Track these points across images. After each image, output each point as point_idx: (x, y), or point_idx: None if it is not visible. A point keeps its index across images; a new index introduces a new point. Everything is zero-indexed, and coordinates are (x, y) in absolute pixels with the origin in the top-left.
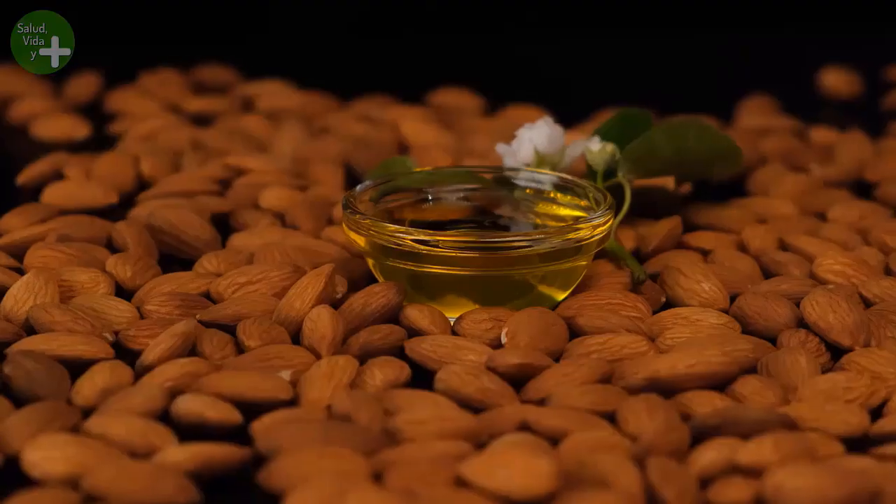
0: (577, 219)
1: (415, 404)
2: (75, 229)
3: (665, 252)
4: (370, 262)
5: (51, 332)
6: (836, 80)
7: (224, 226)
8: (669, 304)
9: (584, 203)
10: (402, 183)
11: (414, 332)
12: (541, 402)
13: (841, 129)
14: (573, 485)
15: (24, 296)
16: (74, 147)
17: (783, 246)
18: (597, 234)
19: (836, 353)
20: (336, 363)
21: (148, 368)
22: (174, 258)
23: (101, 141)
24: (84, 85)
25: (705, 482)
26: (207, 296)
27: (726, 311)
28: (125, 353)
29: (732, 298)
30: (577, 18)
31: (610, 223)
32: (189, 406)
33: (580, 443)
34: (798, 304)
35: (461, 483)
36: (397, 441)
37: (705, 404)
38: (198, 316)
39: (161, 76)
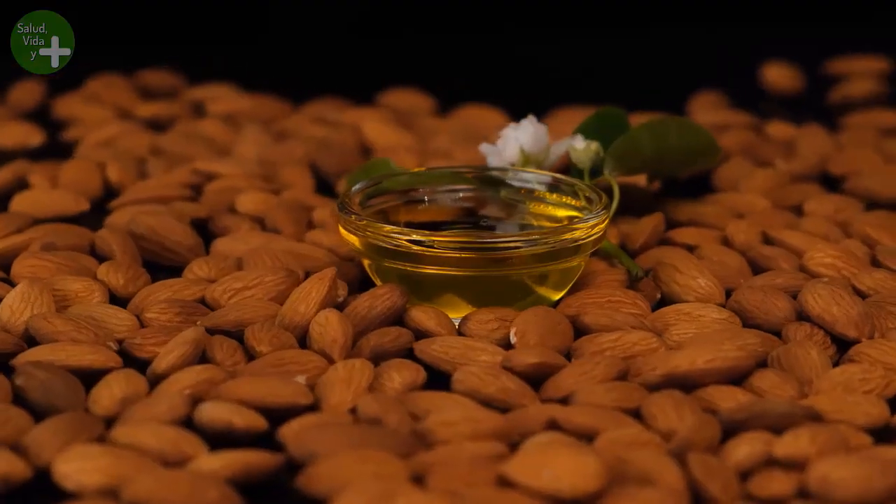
0: (572, 219)
1: (440, 406)
2: (57, 238)
3: (650, 249)
4: (366, 263)
5: (54, 342)
6: (778, 76)
7: (203, 231)
8: (664, 300)
9: (577, 203)
10: (391, 184)
11: (420, 334)
12: (562, 401)
13: (797, 124)
14: (615, 482)
15: (20, 306)
16: (30, 154)
17: (767, 240)
18: (593, 234)
19: (840, 345)
20: (353, 367)
21: (161, 377)
22: (158, 265)
23: (56, 148)
24: (28, 91)
25: (742, 476)
26: (203, 302)
27: (722, 306)
28: (131, 361)
29: (726, 294)
30: (521, 17)
31: (606, 223)
32: (215, 413)
33: (613, 441)
34: (794, 298)
35: (504, 483)
36: (428, 443)
37: (728, 399)
38: (199, 322)
39: (106, 81)
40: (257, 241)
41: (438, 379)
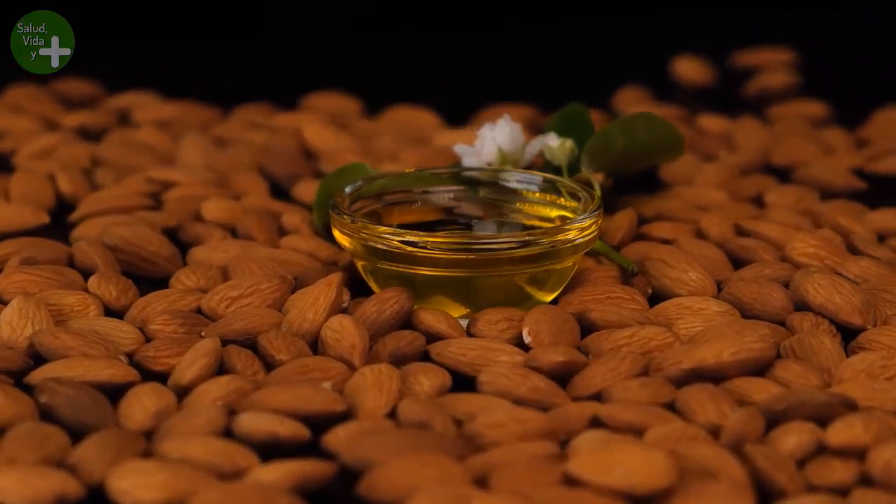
0: (565, 219)
1: (478, 408)
2: (31, 252)
3: (627, 245)
4: (360, 265)
5: (65, 357)
6: (688, 69)
7: (172, 240)
8: (655, 295)
9: (569, 203)
10: (382, 186)
11: (430, 336)
12: (593, 399)
13: (733, 117)
14: (680, 478)
15: (20, 322)
16: None
17: (740, 232)
18: (589, 234)
19: (845, 333)
20: (380, 372)
21: (185, 389)
22: (134, 276)
23: None
24: None
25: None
26: (199, 312)
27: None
28: (145, 374)
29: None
30: (441, 16)
31: (600, 222)
32: (258, 424)
33: (663, 436)
34: (786, 288)
35: (569, 482)
36: (476, 445)
37: (760, 391)
38: (204, 333)
39: (25, 91)
40: (234, 250)
41: (456, 381)
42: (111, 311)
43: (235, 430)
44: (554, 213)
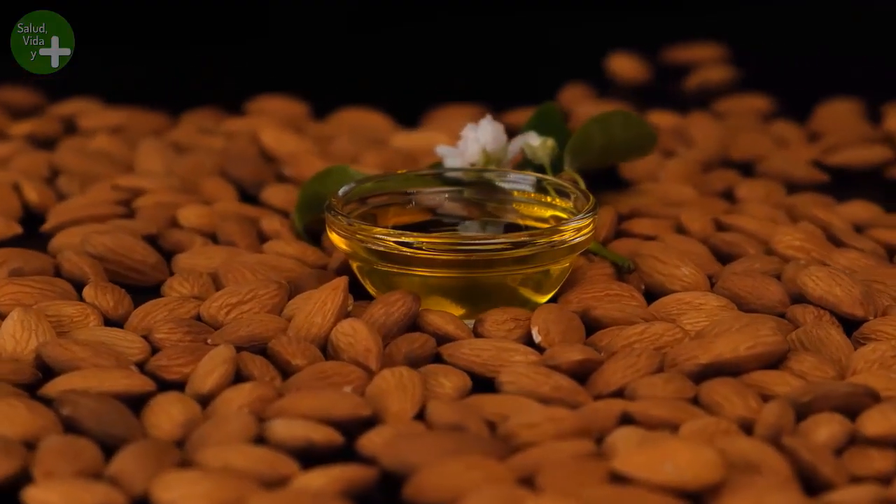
0: (560, 220)
1: (507, 408)
2: (15, 263)
3: (611, 242)
4: (354, 266)
5: (76, 369)
6: (624, 66)
7: (153, 247)
8: (647, 291)
9: (563, 203)
10: (376, 187)
11: (438, 338)
12: (614, 396)
13: (678, 113)
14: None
15: (23, 334)
16: None
17: (720, 227)
18: (585, 234)
19: (845, 325)
20: (401, 375)
21: (206, 397)
22: (120, 285)
23: None
24: None
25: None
26: (199, 319)
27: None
28: (160, 384)
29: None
30: (375, 16)
31: (595, 223)
32: (292, 430)
33: (697, 431)
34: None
35: (615, 480)
36: (512, 446)
37: (780, 383)
38: (209, 340)
39: None
40: (220, 256)
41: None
42: (109, 321)
43: (268, 437)
44: (548, 213)
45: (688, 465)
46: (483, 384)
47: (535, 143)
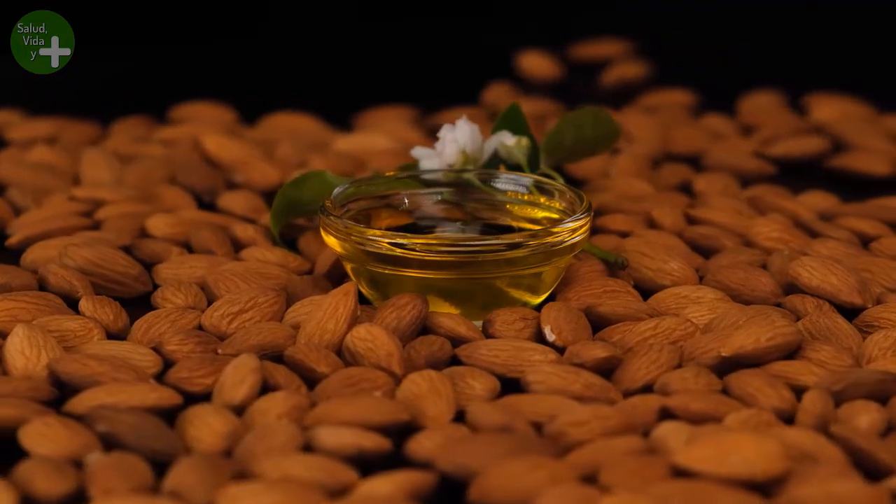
0: (555, 221)
1: (551, 407)
2: (3, 278)
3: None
4: (348, 267)
5: (97, 384)
6: (534, 63)
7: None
8: (636, 286)
9: (557, 204)
10: (369, 189)
11: (452, 341)
12: (642, 391)
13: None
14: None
15: (32, 351)
16: None
17: (690, 220)
18: (580, 235)
19: (842, 313)
20: (431, 378)
21: (238, 408)
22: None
23: None
24: None
25: None
26: (200, 328)
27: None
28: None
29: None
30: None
31: (590, 223)
32: (342, 438)
33: (741, 423)
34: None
35: (677, 474)
36: (562, 445)
37: (806, 373)
38: (220, 350)
39: None
40: (201, 265)
41: None
42: (110, 335)
43: (317, 446)
44: (540, 213)
45: (754, 456)
46: (504, 384)
47: (509, 142)
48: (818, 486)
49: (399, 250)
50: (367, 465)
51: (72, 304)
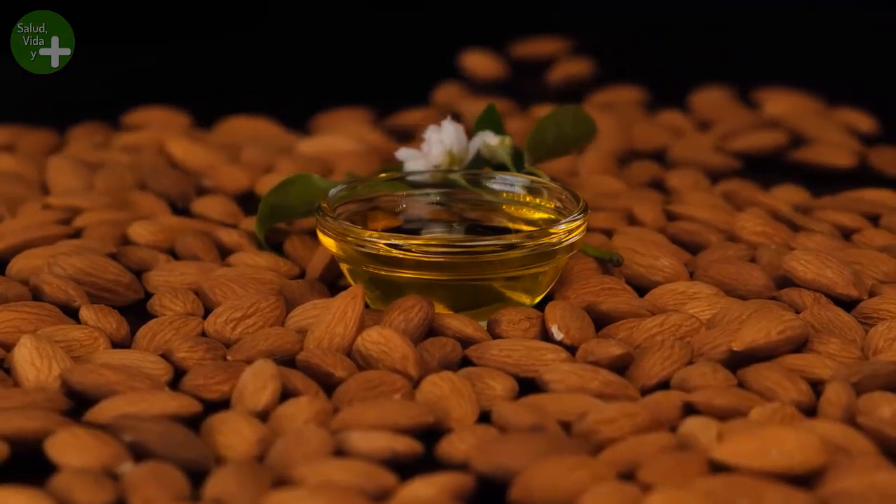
0: (551, 221)
1: (576, 405)
2: None
3: None
4: (345, 268)
5: (114, 393)
6: (477, 62)
7: None
8: (628, 282)
9: (550, 204)
10: (364, 190)
11: (460, 342)
12: (659, 388)
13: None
14: None
15: (42, 362)
16: None
17: (670, 217)
18: (577, 235)
19: (839, 306)
20: (451, 380)
21: (261, 414)
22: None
23: None
24: None
25: None
26: (203, 335)
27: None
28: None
29: None
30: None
31: (586, 224)
32: (374, 442)
33: (767, 417)
34: None
35: (715, 469)
36: (594, 442)
37: (820, 366)
38: (229, 356)
39: None
40: (192, 271)
41: None
42: (115, 344)
43: (349, 450)
44: (537, 214)
45: (795, 450)
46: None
47: (493, 142)
48: (860, 477)
49: (396, 251)
50: (398, 468)
51: (68, 313)
